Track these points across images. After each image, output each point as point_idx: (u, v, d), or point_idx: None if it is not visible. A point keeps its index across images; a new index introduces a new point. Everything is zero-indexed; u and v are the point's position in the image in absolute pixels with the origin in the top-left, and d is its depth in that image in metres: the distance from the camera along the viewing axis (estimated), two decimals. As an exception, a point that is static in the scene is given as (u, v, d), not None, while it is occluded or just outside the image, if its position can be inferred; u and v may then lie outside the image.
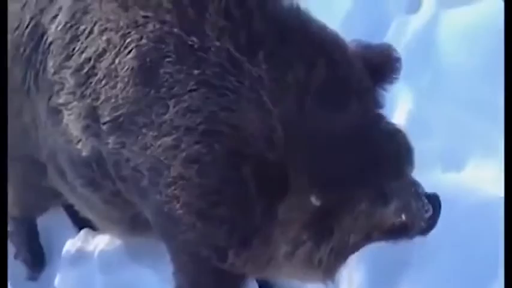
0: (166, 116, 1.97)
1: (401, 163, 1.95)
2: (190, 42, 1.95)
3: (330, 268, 1.98)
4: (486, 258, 2.08)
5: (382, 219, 1.89)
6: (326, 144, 1.85)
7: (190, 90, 1.94)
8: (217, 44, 1.93)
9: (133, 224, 2.27)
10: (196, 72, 1.93)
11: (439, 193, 2.16)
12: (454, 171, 2.44)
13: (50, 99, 2.23)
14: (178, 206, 2.01)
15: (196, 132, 1.93)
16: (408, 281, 2.23)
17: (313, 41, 1.93)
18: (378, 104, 2.00)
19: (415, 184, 1.93)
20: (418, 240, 2.26)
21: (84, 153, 2.18)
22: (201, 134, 1.93)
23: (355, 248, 1.96)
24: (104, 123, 2.09)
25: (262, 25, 1.93)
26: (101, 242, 2.76)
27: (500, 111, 2.36)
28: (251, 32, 1.92)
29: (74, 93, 2.15)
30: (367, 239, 1.94)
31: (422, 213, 1.92)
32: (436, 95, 2.62)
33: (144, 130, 2.01)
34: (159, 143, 1.99)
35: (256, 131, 1.87)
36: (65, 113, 2.18)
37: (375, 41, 2.95)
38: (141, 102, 2.01)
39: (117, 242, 2.74)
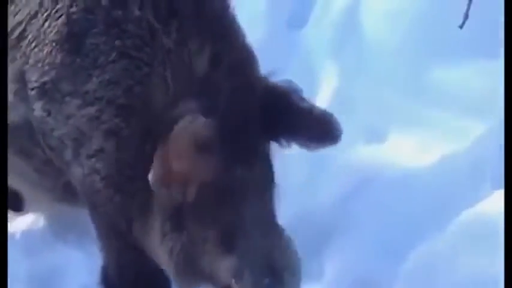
0: (90, 86, 1.99)
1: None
2: (115, 15, 1.98)
3: (179, 270, 1.97)
4: (405, 228, 2.13)
5: (220, 266, 1.88)
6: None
7: (112, 61, 1.97)
8: (138, 13, 1.97)
9: (65, 192, 2.24)
10: (118, 43, 1.97)
11: (362, 166, 2.23)
12: (376, 145, 2.49)
13: None
14: (98, 178, 2.03)
15: (115, 105, 1.96)
16: (333, 249, 2.27)
17: (215, 28, 1.96)
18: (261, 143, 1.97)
19: (276, 281, 1.84)
20: (340, 211, 2.33)
21: (16, 119, 2.15)
22: (119, 107, 1.96)
23: (207, 279, 1.96)
24: (32, 89, 2.09)
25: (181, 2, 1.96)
26: (22, 224, 2.70)
27: (420, 86, 2.44)
28: (171, 3, 1.96)
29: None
30: (211, 280, 1.94)
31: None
32: (360, 72, 2.67)
33: (67, 98, 2.02)
34: (82, 112, 2.01)
35: (159, 105, 1.91)
36: None
37: (299, 19, 3.03)
38: (66, 69, 2.02)
39: (40, 222, 2.68)
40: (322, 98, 2.63)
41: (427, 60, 2.61)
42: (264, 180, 1.95)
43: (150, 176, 1.84)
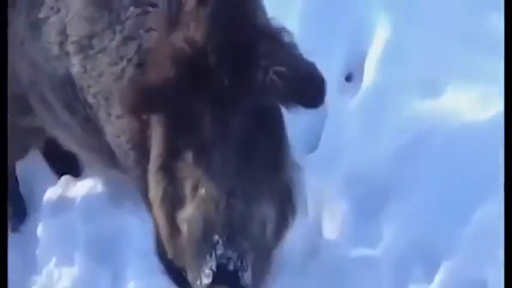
0: (114, 43, 1.99)
1: None
2: None
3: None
4: (467, 184, 2.05)
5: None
6: None
7: (129, 16, 1.96)
8: None
9: (110, 154, 2.21)
10: None
11: (418, 120, 2.13)
12: (432, 98, 2.39)
13: (29, 13, 2.21)
14: (124, 140, 2.03)
15: (132, 63, 1.95)
16: (391, 212, 2.21)
17: None
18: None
19: (227, 241, 1.65)
20: (398, 169, 2.25)
21: (60, 72, 2.17)
22: (136, 66, 1.94)
23: None
24: (72, 43, 2.10)
25: None
26: (82, 189, 2.73)
27: (479, 37, 2.31)
28: None
29: (52, 7, 2.15)
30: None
31: (202, 260, 1.66)
32: (415, 22, 2.54)
33: (99, 55, 2.03)
34: (110, 71, 2.01)
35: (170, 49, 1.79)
36: (45, 28, 2.17)
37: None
38: (97, 24, 2.02)
39: (99, 187, 2.71)
40: (375, 50, 2.53)
41: (486, 8, 2.46)
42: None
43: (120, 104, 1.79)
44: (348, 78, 2.66)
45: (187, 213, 1.73)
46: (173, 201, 1.80)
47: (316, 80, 1.72)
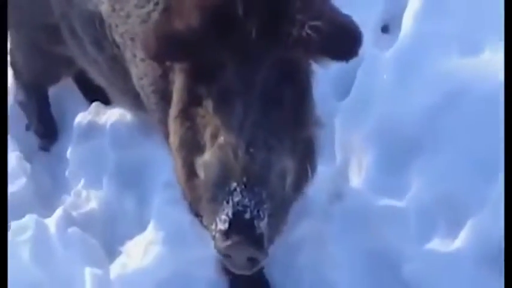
0: None
1: None
2: None
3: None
4: (498, 144, 2.04)
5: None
6: None
7: None
8: None
9: (134, 95, 2.23)
10: None
11: (454, 77, 2.11)
12: (470, 56, 2.37)
13: None
14: (147, 83, 2.03)
15: (159, 7, 1.93)
16: (419, 166, 2.21)
17: None
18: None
19: (247, 188, 1.63)
20: (430, 124, 2.25)
21: (90, 8, 2.17)
22: (162, 10, 1.91)
23: None
24: None
25: None
26: (112, 116, 2.78)
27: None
28: None
29: None
30: None
31: (218, 206, 1.65)
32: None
33: None
34: (137, 13, 2.00)
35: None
36: None
37: None
38: None
39: (128, 116, 2.75)
40: (412, 6, 2.49)
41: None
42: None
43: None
44: (385, 29, 2.64)
45: (205, 158, 1.73)
46: (191, 147, 1.80)
47: (353, 34, 1.69)
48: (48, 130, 2.88)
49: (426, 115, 2.25)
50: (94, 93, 2.83)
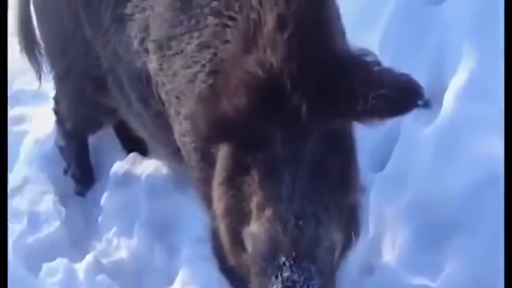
0: (190, 48, 2.02)
1: None
2: None
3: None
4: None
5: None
6: None
7: (208, 25, 1.98)
8: None
9: (174, 149, 2.28)
10: (215, 4, 1.97)
11: (493, 159, 2.10)
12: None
13: (116, 8, 2.28)
14: (189, 140, 2.06)
15: (205, 69, 1.97)
16: (456, 246, 2.20)
17: None
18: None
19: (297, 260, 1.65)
20: (469, 204, 2.22)
21: (138, 65, 2.24)
22: (208, 73, 1.96)
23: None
24: (152, 41, 2.16)
25: None
26: (148, 167, 2.83)
27: None
28: None
29: (138, 6, 2.21)
30: None
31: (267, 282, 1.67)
32: (502, 54, 2.50)
33: (176, 57, 2.07)
34: (184, 72, 2.05)
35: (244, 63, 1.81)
36: (129, 23, 2.24)
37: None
38: (177, 28, 2.07)
39: (164, 169, 2.79)
40: (457, 83, 2.54)
41: None
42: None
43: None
44: (425, 105, 2.67)
45: (253, 231, 1.72)
46: (236, 215, 1.80)
47: (415, 91, 1.74)
48: (85, 176, 2.94)
49: (465, 195, 2.23)
50: (132, 144, 2.88)
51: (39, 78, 2.87)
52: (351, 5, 2.39)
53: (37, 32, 2.73)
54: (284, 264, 1.64)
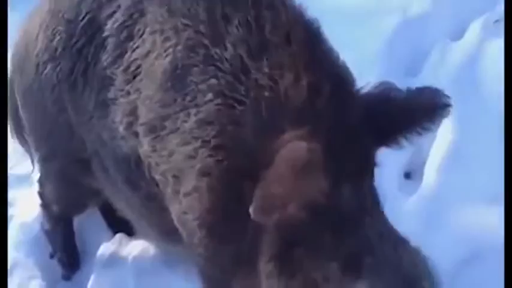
0: (187, 125, 2.02)
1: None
2: (213, 53, 2.01)
3: None
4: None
5: None
6: None
7: (207, 101, 2.00)
8: (233, 52, 1.98)
9: (168, 230, 2.27)
10: (214, 81, 1.99)
11: (478, 230, 2.15)
12: (496, 206, 2.41)
13: (99, 92, 2.28)
14: (192, 218, 2.05)
15: (209, 145, 1.98)
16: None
17: (307, 57, 1.91)
18: (370, 156, 1.90)
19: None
20: (453, 278, 2.23)
21: (125, 150, 2.23)
22: (213, 148, 1.97)
23: None
24: (141, 124, 2.15)
25: (272, 31, 1.96)
26: (135, 248, 2.80)
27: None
28: (261, 38, 1.96)
29: (122, 89, 2.21)
30: None
31: None
32: (479, 128, 2.60)
33: (170, 136, 2.07)
34: (181, 150, 2.04)
35: (256, 144, 1.87)
36: (112, 108, 2.24)
37: (414, 68, 2.97)
38: (169, 107, 2.07)
39: (152, 249, 2.77)
40: (437, 154, 2.59)
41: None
42: (373, 195, 1.89)
43: (251, 207, 1.78)
44: (407, 175, 2.73)
45: None
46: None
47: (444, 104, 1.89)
48: (71, 259, 2.90)
49: (447, 267, 2.24)
50: (118, 224, 2.85)
51: (32, 162, 2.86)
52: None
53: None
54: None
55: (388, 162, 1.86)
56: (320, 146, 1.73)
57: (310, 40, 1.96)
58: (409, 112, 1.89)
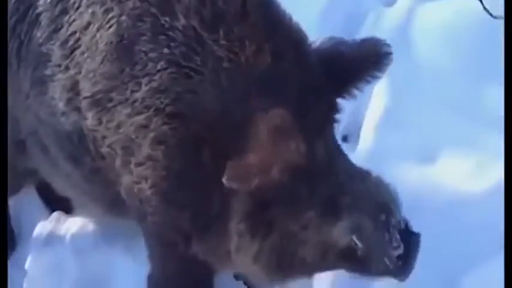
0: (139, 95, 2.01)
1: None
2: (163, 22, 1.99)
3: (272, 270, 1.98)
4: (451, 257, 2.08)
5: (332, 235, 1.87)
6: None
7: (159, 70, 1.98)
8: (185, 22, 1.97)
9: (113, 203, 2.27)
10: (166, 51, 1.97)
11: (412, 185, 2.20)
12: (427, 165, 2.47)
13: (34, 70, 2.23)
14: (146, 186, 2.05)
15: (163, 113, 1.97)
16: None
17: (267, 25, 1.95)
18: (333, 108, 2.00)
19: (385, 210, 1.88)
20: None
21: (67, 127, 2.19)
22: (167, 115, 1.97)
23: (311, 267, 1.97)
24: (84, 98, 2.12)
25: (225, 2, 1.97)
26: (73, 225, 2.75)
27: (474, 106, 2.40)
28: (215, 9, 1.96)
29: (59, 65, 2.17)
30: (323, 260, 1.92)
31: (386, 246, 1.85)
32: (412, 90, 2.65)
33: (119, 108, 2.05)
34: (131, 121, 2.03)
35: (215, 112, 1.91)
36: (50, 84, 2.19)
37: (349, 34, 3.02)
38: (117, 78, 2.04)
39: (91, 226, 2.73)
40: (372, 116, 2.63)
41: (483, 79, 2.58)
42: (335, 138, 2.03)
43: (225, 176, 1.83)
44: (345, 138, 2.76)
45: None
46: None
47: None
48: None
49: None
50: (55, 202, 2.80)
51: None
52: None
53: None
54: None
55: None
56: (290, 110, 1.80)
57: (266, 6, 1.98)
58: (358, 63, 1.99)
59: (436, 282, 2.05)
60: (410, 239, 1.87)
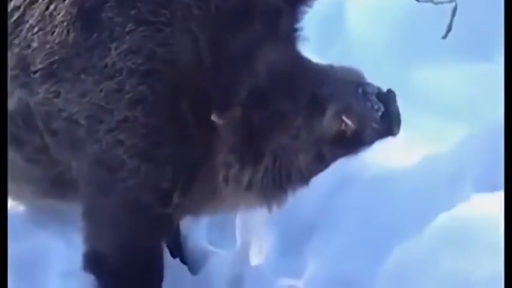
0: (108, 59, 2.00)
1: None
2: None
3: (268, 192, 2.06)
4: (385, 228, 2.15)
5: (324, 128, 1.97)
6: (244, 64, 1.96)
7: (129, 31, 1.99)
8: None
9: (53, 184, 2.24)
10: (133, 12, 1.98)
11: (345, 163, 2.24)
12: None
13: None
14: (121, 151, 2.03)
15: (138, 73, 1.98)
16: (315, 247, 2.28)
17: None
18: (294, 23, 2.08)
19: (359, 85, 2.01)
20: (323, 204, 2.35)
21: (10, 107, 2.12)
22: (142, 74, 1.98)
23: (308, 173, 2.04)
24: (36, 72, 2.07)
25: None
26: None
27: (404, 86, 2.45)
28: None
29: None
30: (321, 158, 2.02)
31: (370, 112, 1.99)
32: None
33: (82, 76, 2.03)
34: (100, 87, 2.01)
35: (189, 60, 1.94)
36: None
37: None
38: (80, 46, 2.03)
39: (20, 208, 2.67)
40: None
41: (412, 59, 2.63)
42: None
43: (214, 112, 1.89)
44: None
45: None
46: None
47: None
48: None
49: (319, 199, 2.33)
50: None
51: None
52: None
53: None
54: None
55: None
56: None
57: None
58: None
59: (367, 253, 2.13)
60: (386, 97, 2.03)
